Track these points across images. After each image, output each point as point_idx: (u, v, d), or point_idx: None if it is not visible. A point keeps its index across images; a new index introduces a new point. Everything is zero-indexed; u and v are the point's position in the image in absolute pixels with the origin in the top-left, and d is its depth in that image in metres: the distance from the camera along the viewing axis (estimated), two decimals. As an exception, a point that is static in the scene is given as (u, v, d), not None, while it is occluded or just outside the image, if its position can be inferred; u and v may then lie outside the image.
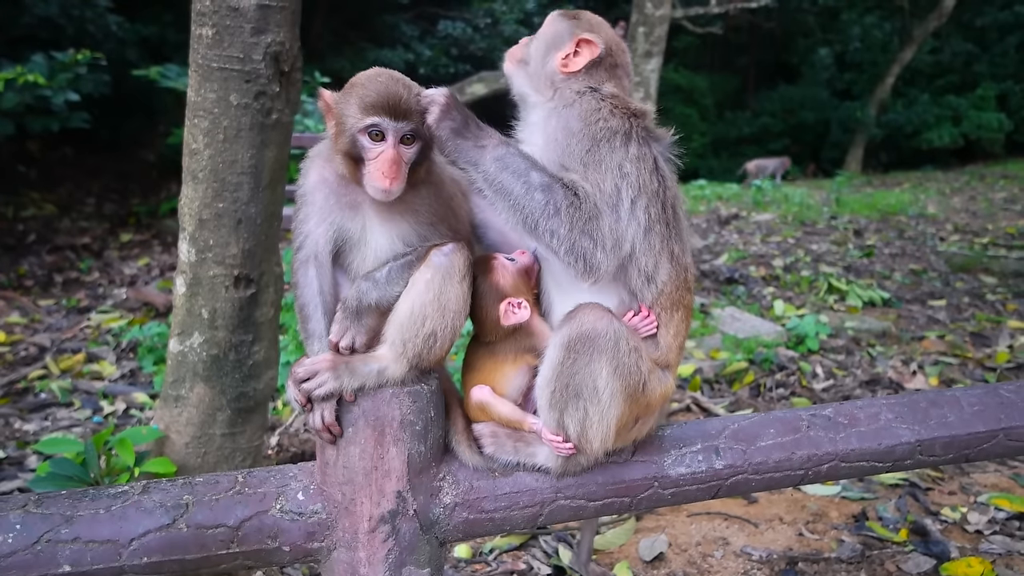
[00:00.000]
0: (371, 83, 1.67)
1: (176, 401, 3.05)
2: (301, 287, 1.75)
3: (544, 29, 1.90)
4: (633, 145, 1.70)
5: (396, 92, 1.64)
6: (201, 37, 2.73)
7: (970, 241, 10.43)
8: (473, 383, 1.81)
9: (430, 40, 17.83)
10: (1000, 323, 6.88)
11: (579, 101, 1.74)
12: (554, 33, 1.86)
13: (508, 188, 1.64)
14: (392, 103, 1.63)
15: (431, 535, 1.72)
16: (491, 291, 1.76)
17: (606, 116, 1.70)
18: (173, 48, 11.28)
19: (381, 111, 1.63)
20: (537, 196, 1.62)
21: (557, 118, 1.75)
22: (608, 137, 1.68)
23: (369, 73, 1.71)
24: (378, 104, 1.63)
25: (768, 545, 3.58)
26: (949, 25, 22.58)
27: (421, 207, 1.74)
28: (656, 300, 1.75)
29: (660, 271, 1.73)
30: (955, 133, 22.81)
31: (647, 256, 1.71)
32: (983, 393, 2.09)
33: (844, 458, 1.94)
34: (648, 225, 1.70)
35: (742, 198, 13.87)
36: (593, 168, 1.66)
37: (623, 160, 1.68)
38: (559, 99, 1.78)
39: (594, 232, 1.63)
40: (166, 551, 1.58)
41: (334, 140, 1.70)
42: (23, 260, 8.84)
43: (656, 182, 1.71)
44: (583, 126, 1.69)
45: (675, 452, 1.87)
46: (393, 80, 1.67)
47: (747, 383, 5.49)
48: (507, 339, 1.80)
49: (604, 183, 1.65)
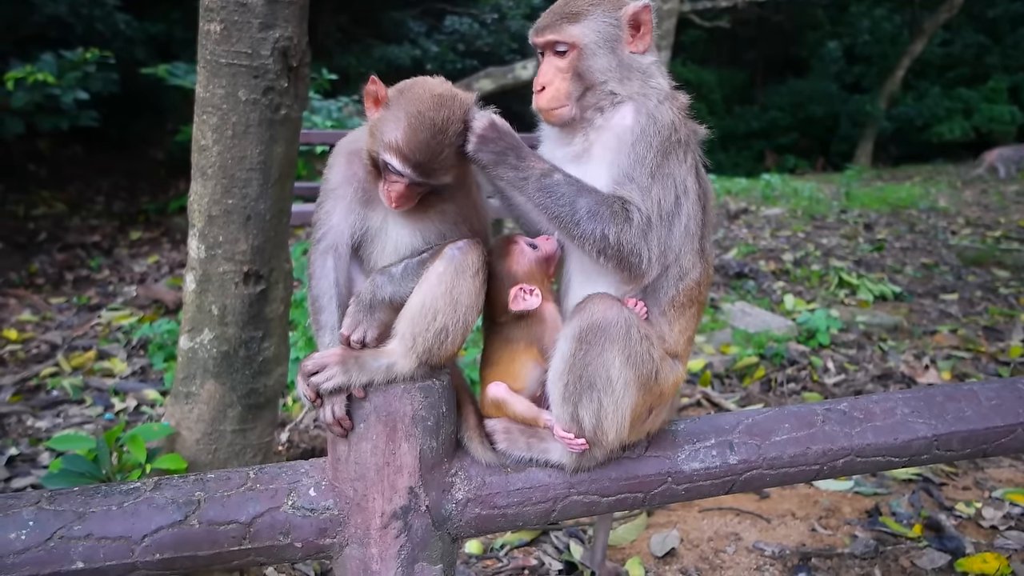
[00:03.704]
0: (412, 124, 1.60)
1: (187, 398, 3.05)
2: (317, 278, 1.74)
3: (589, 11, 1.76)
4: (690, 155, 1.72)
5: (428, 148, 1.59)
6: (209, 33, 2.73)
7: (982, 235, 10.34)
8: (491, 378, 1.80)
9: (437, 36, 17.79)
10: (1013, 317, 6.82)
11: (659, 108, 1.70)
12: (607, 13, 1.75)
13: (554, 213, 1.65)
14: (418, 160, 1.60)
15: (443, 531, 1.71)
16: (505, 274, 1.75)
17: (678, 127, 1.70)
18: (181, 46, 11.29)
19: (406, 161, 1.60)
20: (585, 225, 1.63)
21: (635, 117, 1.70)
22: (675, 151, 1.69)
23: (419, 105, 1.62)
24: (406, 153, 1.59)
25: (781, 541, 3.56)
26: (960, 17, 22.36)
27: (447, 208, 1.73)
28: (676, 296, 1.75)
29: (693, 270, 1.76)
30: (966, 126, 22.60)
31: (688, 256, 1.74)
32: (1001, 387, 2.07)
33: (860, 453, 1.92)
34: (695, 231, 1.73)
35: (751, 192, 13.80)
36: (660, 183, 1.66)
37: (685, 175, 1.70)
38: (641, 97, 1.73)
39: (642, 249, 1.64)
40: (178, 547, 1.58)
41: (369, 135, 1.67)
42: (34, 258, 8.87)
43: (699, 185, 1.75)
44: (660, 141, 1.67)
45: (688, 447, 1.86)
46: (432, 133, 1.60)
47: (758, 378, 5.46)
48: (520, 328, 1.78)
49: (666, 199, 1.67)
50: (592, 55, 1.72)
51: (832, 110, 23.91)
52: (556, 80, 1.74)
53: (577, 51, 1.72)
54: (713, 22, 13.84)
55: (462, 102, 1.65)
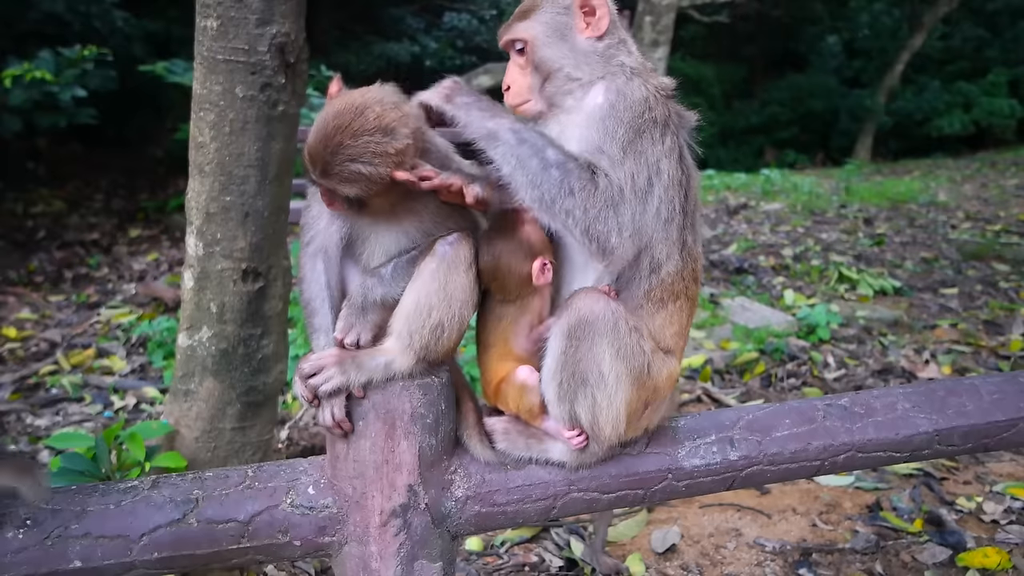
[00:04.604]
0: (314, 130, 1.56)
1: (186, 396, 3.04)
2: (308, 281, 1.73)
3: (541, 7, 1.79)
4: (669, 137, 1.68)
5: (322, 156, 1.54)
6: (206, 29, 2.71)
7: (982, 229, 10.33)
8: (492, 360, 1.79)
9: (435, 33, 17.77)
10: (1013, 311, 6.81)
11: (628, 85, 1.70)
12: (555, 4, 1.78)
13: (525, 163, 1.61)
14: (316, 166, 1.56)
15: (443, 529, 1.71)
16: (520, 245, 1.70)
17: (652, 105, 1.68)
18: (179, 43, 11.26)
19: (310, 165, 1.57)
20: (553, 173, 1.59)
21: (604, 95, 1.70)
22: (650, 129, 1.66)
23: (324, 112, 1.58)
24: (306, 158, 1.57)
25: (781, 536, 3.56)
26: (959, 10, 22.31)
27: (422, 211, 1.71)
28: (652, 289, 1.72)
29: (670, 261, 1.71)
30: (966, 120, 22.56)
31: (663, 245, 1.69)
32: (1002, 381, 2.06)
33: (861, 448, 1.91)
34: (669, 216, 1.68)
35: (750, 188, 13.78)
36: (632, 158, 1.63)
37: (661, 155, 1.66)
38: (609, 76, 1.73)
39: (611, 217, 1.60)
40: (176, 546, 1.57)
41: None
42: (33, 256, 8.87)
43: (681, 171, 1.70)
44: (632, 116, 1.65)
45: (689, 444, 1.85)
46: (325, 142, 1.54)
47: (758, 373, 5.45)
48: (514, 303, 1.76)
49: (639, 175, 1.63)
50: (543, 46, 1.76)
51: (831, 105, 23.88)
52: (518, 77, 1.79)
53: (529, 45, 1.77)
54: (712, 17, 13.80)
55: (388, 113, 1.56)
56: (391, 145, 1.55)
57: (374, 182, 1.55)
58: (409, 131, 1.58)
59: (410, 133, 1.59)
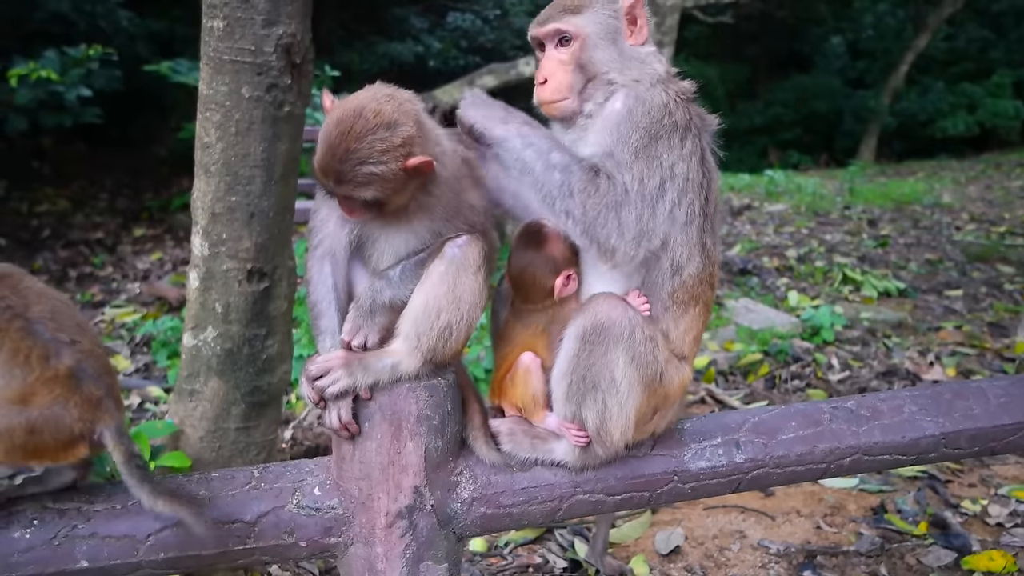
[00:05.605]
0: (321, 139, 1.55)
1: (190, 395, 3.04)
2: (315, 283, 1.73)
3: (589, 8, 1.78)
4: (690, 140, 1.68)
5: (332, 163, 1.54)
6: (212, 30, 2.72)
7: (987, 230, 10.30)
8: (508, 357, 1.80)
9: (439, 32, 17.76)
10: (1018, 313, 6.79)
11: (650, 91, 1.70)
12: (606, 5, 1.78)
13: (530, 166, 1.63)
14: (328, 175, 1.55)
15: (449, 530, 1.71)
16: (546, 261, 1.74)
17: (672, 110, 1.67)
18: (184, 43, 11.27)
19: (323, 176, 1.57)
20: (556, 175, 1.61)
21: (623, 101, 1.70)
22: (668, 134, 1.65)
23: (328, 120, 1.57)
24: (318, 169, 1.56)
25: (786, 538, 3.55)
26: (964, 11, 22.25)
27: (434, 206, 1.71)
28: (676, 291, 1.72)
29: (691, 264, 1.72)
30: (970, 121, 22.50)
31: (683, 248, 1.70)
32: (1009, 384, 2.05)
33: (867, 451, 1.91)
34: (688, 219, 1.68)
35: (754, 188, 13.76)
36: (643, 162, 1.63)
37: (676, 160, 1.66)
38: (632, 83, 1.73)
39: (611, 219, 1.60)
40: (183, 547, 1.57)
41: None
42: (38, 255, 8.88)
43: (701, 174, 1.70)
44: (649, 122, 1.65)
45: (695, 446, 1.85)
46: (332, 149, 1.53)
47: (762, 375, 5.45)
48: (543, 312, 1.78)
49: (650, 179, 1.63)
50: (595, 46, 1.74)
51: (835, 106, 23.83)
52: (559, 72, 1.75)
53: (580, 41, 1.74)
54: (716, 17, 13.76)
55: (385, 107, 1.55)
56: (396, 137, 1.55)
57: (388, 180, 1.55)
58: (410, 119, 1.58)
59: (411, 121, 1.58)
